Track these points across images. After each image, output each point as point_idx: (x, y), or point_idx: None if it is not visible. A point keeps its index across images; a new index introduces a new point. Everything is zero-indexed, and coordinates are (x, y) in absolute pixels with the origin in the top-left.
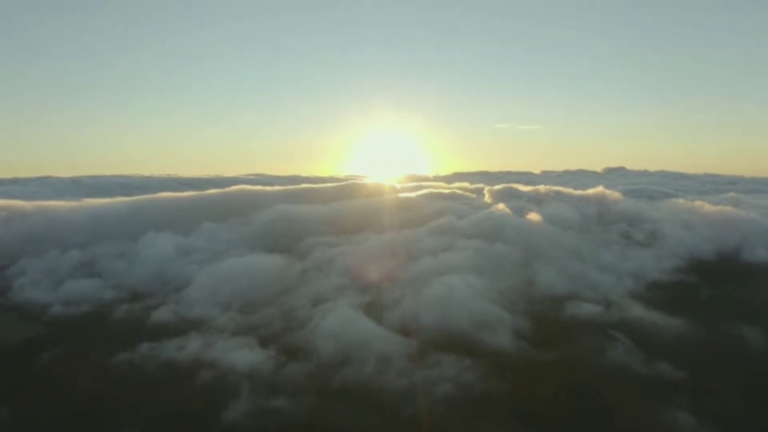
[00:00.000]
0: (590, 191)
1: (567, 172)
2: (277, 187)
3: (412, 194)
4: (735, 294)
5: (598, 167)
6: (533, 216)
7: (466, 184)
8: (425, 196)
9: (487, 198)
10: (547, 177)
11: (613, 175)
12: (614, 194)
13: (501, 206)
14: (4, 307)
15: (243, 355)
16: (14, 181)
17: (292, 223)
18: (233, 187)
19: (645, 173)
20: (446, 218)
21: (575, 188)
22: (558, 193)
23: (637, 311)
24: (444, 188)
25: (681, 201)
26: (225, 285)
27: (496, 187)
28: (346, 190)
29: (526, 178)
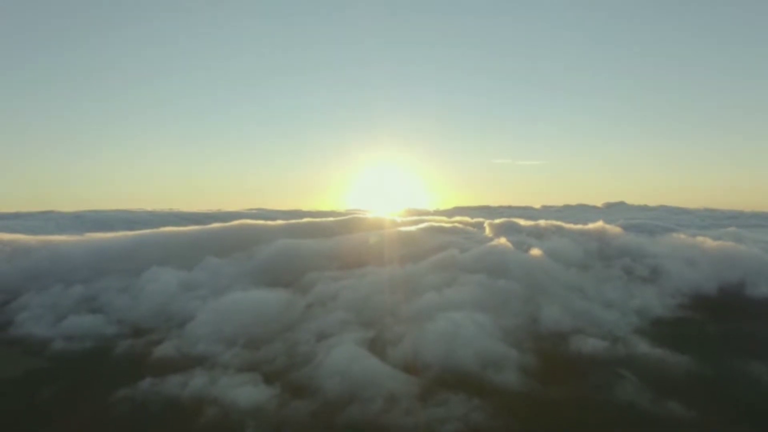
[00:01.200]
0: (591, 226)
1: (567, 207)
2: (279, 222)
3: (413, 228)
4: (740, 330)
5: (599, 202)
6: (535, 251)
7: (466, 218)
8: (426, 229)
9: (487, 232)
10: (547, 212)
11: (613, 210)
12: (615, 229)
13: (503, 240)
14: (5, 342)
15: (247, 392)
16: (17, 216)
17: (294, 258)
18: (235, 222)
19: (645, 208)
20: (448, 252)
21: (576, 223)
22: (558, 227)
23: (644, 348)
24: (445, 222)
25: (682, 236)
26: (228, 320)
27: (497, 221)
28: (347, 224)
29: (527, 212)
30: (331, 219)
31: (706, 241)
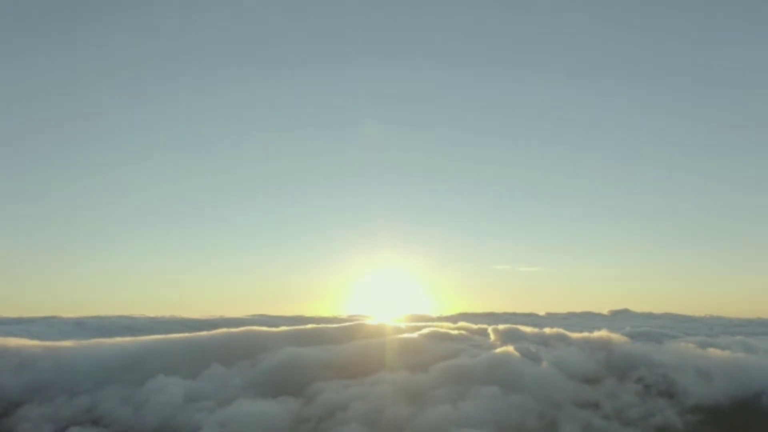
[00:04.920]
0: (597, 334)
1: (572, 314)
2: (283, 328)
3: (420, 334)
4: None
5: (603, 308)
6: (545, 362)
7: (470, 325)
8: (432, 336)
9: (492, 338)
10: (552, 319)
11: (618, 318)
12: (622, 338)
13: (510, 349)
14: None
15: None
16: (19, 321)
17: (301, 366)
18: (241, 329)
19: (650, 316)
20: (458, 361)
21: (581, 331)
22: (563, 335)
23: None
24: (450, 328)
25: (691, 345)
26: None
27: (501, 327)
28: (353, 331)
29: (533, 320)
30: (335, 326)
31: (716, 352)
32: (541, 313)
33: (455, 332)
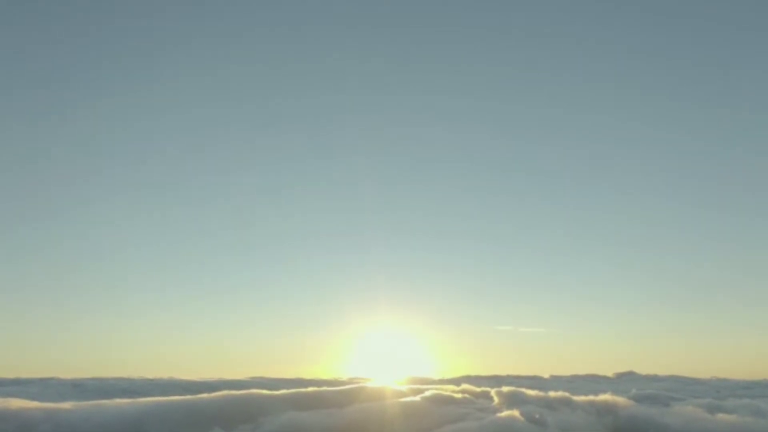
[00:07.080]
0: (602, 397)
1: (576, 377)
2: (284, 391)
3: (422, 398)
4: None
5: (608, 371)
6: (550, 426)
7: (473, 387)
8: (435, 400)
9: (495, 402)
10: (557, 381)
11: (624, 380)
12: (628, 401)
13: (515, 413)
14: None
15: None
16: (17, 382)
17: (303, 431)
18: (241, 391)
19: (655, 378)
20: (462, 425)
21: (586, 393)
22: (567, 399)
23: None
24: (453, 391)
25: (699, 409)
26: None
27: (504, 389)
28: (354, 394)
29: (537, 382)
30: (337, 389)
31: (724, 416)
32: (546, 375)
33: (459, 395)
